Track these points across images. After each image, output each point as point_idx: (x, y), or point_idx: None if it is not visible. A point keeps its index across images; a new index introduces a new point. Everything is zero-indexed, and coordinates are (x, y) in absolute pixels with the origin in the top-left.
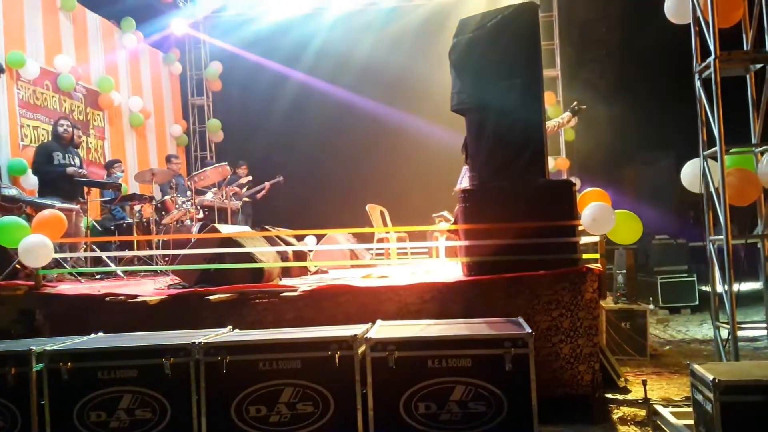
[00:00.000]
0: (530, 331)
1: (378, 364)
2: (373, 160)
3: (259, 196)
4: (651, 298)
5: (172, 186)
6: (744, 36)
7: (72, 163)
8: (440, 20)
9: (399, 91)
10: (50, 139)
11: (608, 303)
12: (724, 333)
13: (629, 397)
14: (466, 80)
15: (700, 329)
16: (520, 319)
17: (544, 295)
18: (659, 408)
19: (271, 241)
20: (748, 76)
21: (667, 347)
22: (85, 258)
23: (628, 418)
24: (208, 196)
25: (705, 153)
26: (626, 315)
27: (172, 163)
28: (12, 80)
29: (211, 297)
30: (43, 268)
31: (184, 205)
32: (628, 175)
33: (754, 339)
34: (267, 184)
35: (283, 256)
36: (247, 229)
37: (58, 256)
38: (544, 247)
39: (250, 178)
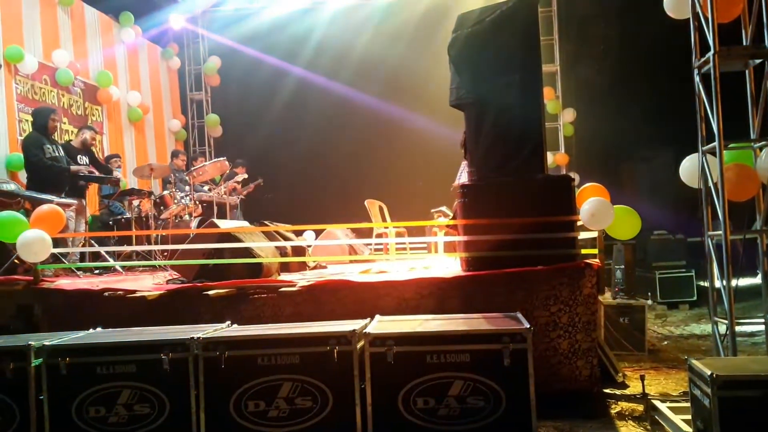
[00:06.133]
0: (528, 326)
1: (376, 359)
2: (371, 156)
3: (243, 194)
4: (649, 294)
5: (171, 181)
6: (743, 31)
7: (60, 155)
8: (439, 15)
9: (398, 86)
10: (33, 129)
11: (606, 298)
12: (722, 328)
13: (627, 392)
14: (464, 75)
15: (698, 324)
16: (519, 315)
17: (543, 290)
18: (657, 403)
19: (269, 236)
20: (747, 72)
21: (665, 342)
22: (83, 253)
23: (626, 413)
24: (204, 191)
25: (704, 148)
26: (624, 310)
27: (178, 158)
28: (10, 75)
29: (210, 292)
30: (42, 263)
31: (182, 200)
32: (626, 171)
33: (752, 334)
34: (251, 185)
35: (282, 252)
36: (245, 224)
37: (57, 251)
38: (543, 242)
39: (246, 176)
